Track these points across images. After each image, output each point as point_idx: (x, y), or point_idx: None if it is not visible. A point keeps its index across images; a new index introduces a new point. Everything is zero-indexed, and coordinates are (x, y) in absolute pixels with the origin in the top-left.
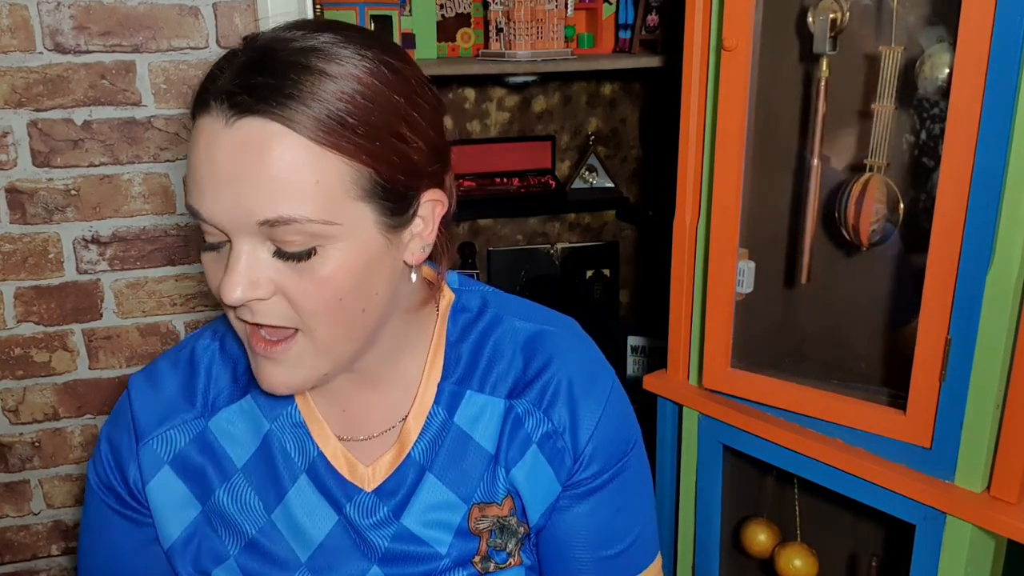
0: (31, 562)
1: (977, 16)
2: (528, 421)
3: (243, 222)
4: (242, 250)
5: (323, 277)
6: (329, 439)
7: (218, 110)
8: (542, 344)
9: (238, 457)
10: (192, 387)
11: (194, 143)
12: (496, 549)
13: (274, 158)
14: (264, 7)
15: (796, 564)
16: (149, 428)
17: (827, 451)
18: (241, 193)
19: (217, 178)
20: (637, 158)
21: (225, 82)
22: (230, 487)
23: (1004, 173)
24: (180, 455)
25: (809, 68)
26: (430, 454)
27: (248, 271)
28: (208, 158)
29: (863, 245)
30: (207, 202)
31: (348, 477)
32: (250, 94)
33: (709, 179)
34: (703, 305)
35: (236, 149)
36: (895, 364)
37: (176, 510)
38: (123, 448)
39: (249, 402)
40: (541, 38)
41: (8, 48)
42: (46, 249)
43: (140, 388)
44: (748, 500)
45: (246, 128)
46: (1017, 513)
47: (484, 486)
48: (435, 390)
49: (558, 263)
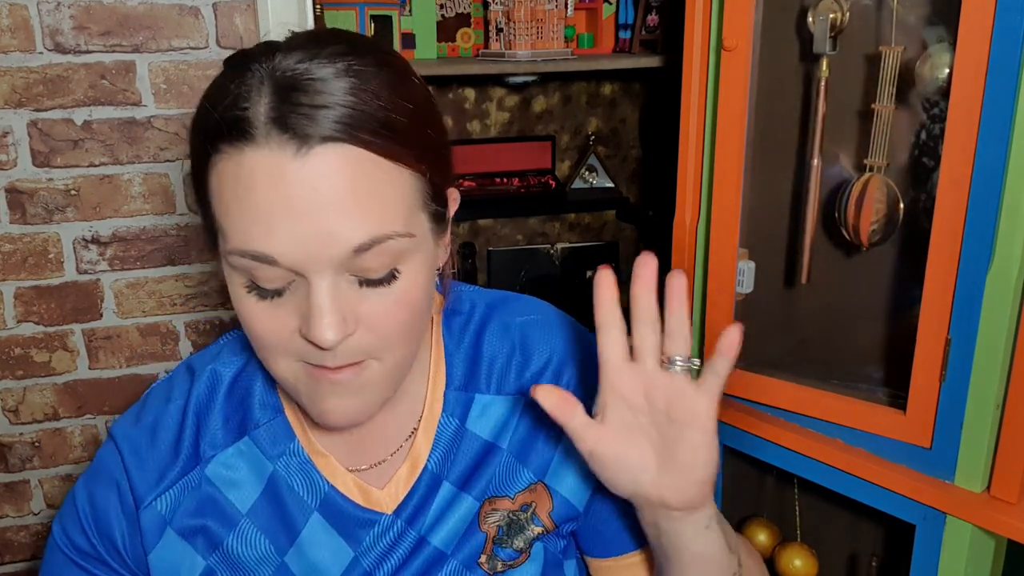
0: (31, 562)
1: (977, 16)
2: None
3: (330, 254)
4: (325, 289)
5: (403, 296)
6: (337, 471)
7: (278, 141)
8: (536, 335)
9: (241, 502)
10: (182, 436)
11: (245, 180)
12: (502, 546)
13: (359, 180)
14: (264, 7)
15: (796, 564)
16: (148, 489)
17: (827, 451)
18: (330, 223)
19: (293, 213)
20: (637, 158)
21: (270, 110)
22: (239, 534)
23: (1004, 173)
24: (182, 513)
25: (809, 68)
26: (445, 463)
27: (338, 307)
28: (277, 195)
29: (863, 245)
30: (280, 241)
31: (364, 504)
32: (312, 122)
33: (709, 179)
34: (703, 305)
35: (313, 179)
36: (895, 364)
37: (180, 572)
38: (111, 509)
39: (247, 443)
40: (541, 38)
41: (8, 48)
42: (46, 249)
43: (131, 442)
44: (748, 500)
45: (319, 156)
46: (1017, 513)
47: (496, 481)
48: (442, 400)
49: (558, 263)
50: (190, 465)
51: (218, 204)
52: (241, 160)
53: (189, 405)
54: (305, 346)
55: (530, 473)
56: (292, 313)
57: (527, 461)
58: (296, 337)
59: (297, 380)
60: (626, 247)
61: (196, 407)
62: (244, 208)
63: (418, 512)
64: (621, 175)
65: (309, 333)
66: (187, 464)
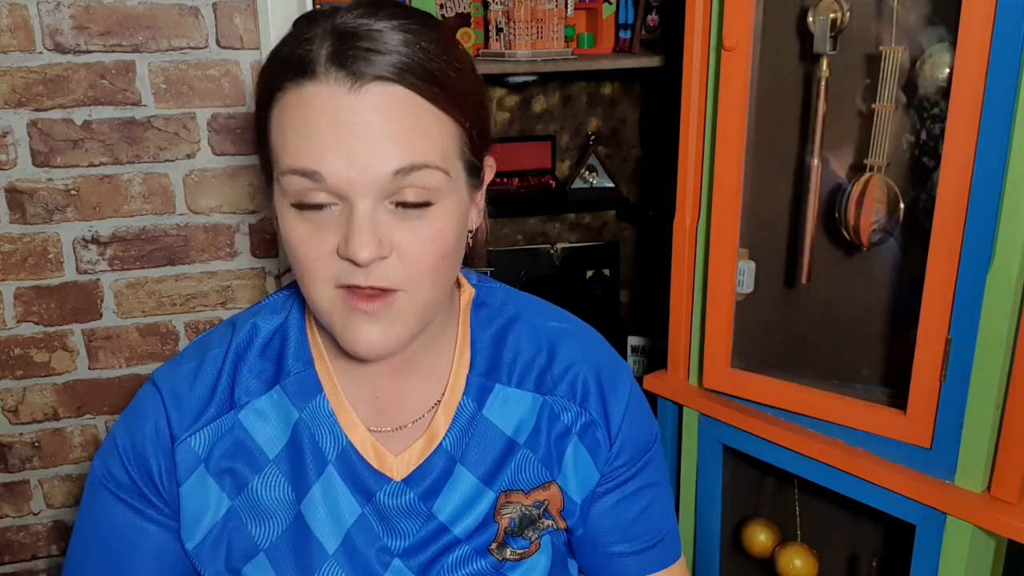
0: (31, 562)
1: (977, 16)
2: (565, 415)
3: (373, 176)
4: (365, 210)
5: (435, 232)
6: (358, 428)
7: (336, 77)
8: (564, 341)
9: (270, 448)
10: (219, 382)
11: (303, 110)
12: (513, 536)
13: (404, 115)
14: (264, 7)
15: (796, 564)
16: (184, 428)
17: (827, 451)
18: (375, 147)
19: (345, 138)
20: (637, 158)
21: (330, 52)
22: (264, 478)
23: (1004, 173)
24: (214, 452)
25: (809, 68)
26: (460, 445)
27: (375, 229)
28: (333, 121)
29: (863, 245)
30: (331, 163)
31: (377, 467)
32: (368, 63)
33: (709, 179)
34: (703, 305)
35: (365, 111)
36: (895, 364)
37: (207, 509)
38: (148, 443)
39: (279, 391)
40: (541, 38)
41: (8, 48)
42: (46, 249)
43: (170, 385)
44: (748, 500)
45: (373, 92)
46: (1017, 513)
47: (511, 474)
48: (464, 382)
49: (558, 263)
50: (224, 409)
51: (276, 134)
52: (301, 93)
53: (228, 354)
54: (342, 267)
55: (546, 471)
56: (332, 234)
57: (543, 459)
58: (334, 258)
59: (332, 308)
60: (626, 247)
61: (234, 356)
62: (300, 133)
63: (432, 490)
64: (621, 175)
65: (347, 249)
66: (221, 408)
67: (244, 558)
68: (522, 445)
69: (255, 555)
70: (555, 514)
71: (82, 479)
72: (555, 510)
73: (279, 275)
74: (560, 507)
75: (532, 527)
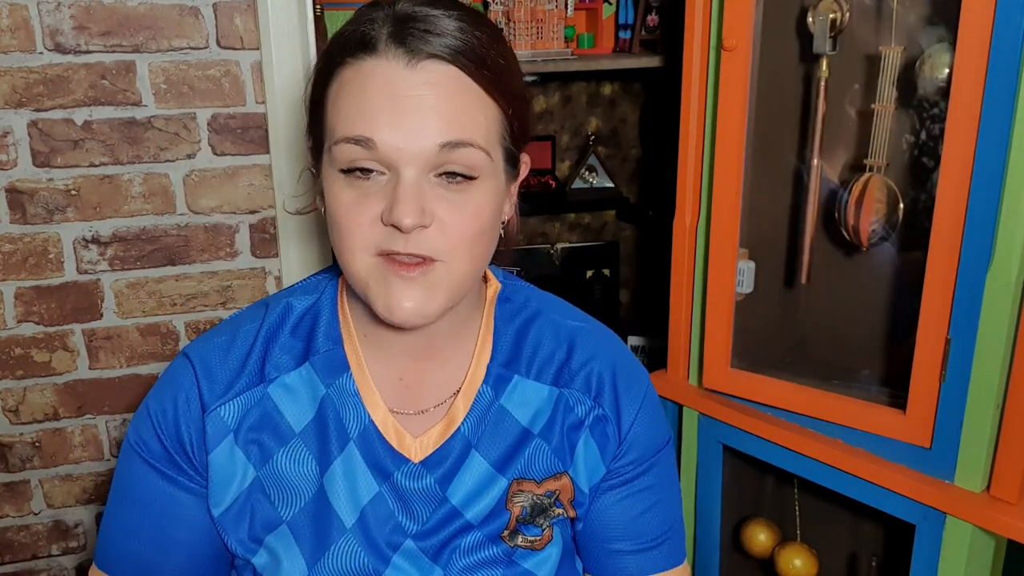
0: (31, 562)
1: (977, 16)
2: (579, 408)
3: (421, 147)
4: (411, 179)
5: (475, 208)
6: (380, 408)
7: (394, 53)
8: (584, 339)
9: (296, 422)
10: (250, 356)
11: (360, 82)
12: (524, 524)
13: (454, 94)
14: (264, 7)
15: (796, 564)
16: (214, 397)
17: (827, 451)
18: (425, 120)
19: (398, 110)
20: (637, 158)
21: (391, 31)
22: (288, 451)
23: (1004, 173)
24: (242, 423)
25: (809, 68)
26: (477, 431)
27: (419, 197)
28: (389, 93)
29: (863, 245)
30: (384, 131)
31: (396, 447)
32: (425, 42)
33: (709, 179)
34: (703, 305)
35: (419, 86)
36: (895, 364)
37: (234, 478)
38: (180, 413)
39: (307, 368)
40: (541, 38)
41: (8, 48)
42: (46, 249)
43: (202, 357)
44: (748, 500)
45: (427, 69)
46: (1017, 513)
47: (523, 463)
48: (484, 371)
49: (558, 263)
50: (254, 382)
51: (333, 107)
52: (360, 67)
53: (261, 330)
54: (384, 233)
55: (558, 462)
56: (377, 202)
57: (555, 450)
58: (376, 225)
59: (370, 275)
60: (626, 247)
61: (267, 332)
62: (355, 104)
63: (449, 475)
64: (621, 175)
65: (391, 216)
66: (251, 381)
67: (267, 528)
68: (536, 435)
69: (278, 526)
70: (566, 504)
71: (82, 479)
72: (566, 500)
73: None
74: (571, 497)
75: (544, 515)
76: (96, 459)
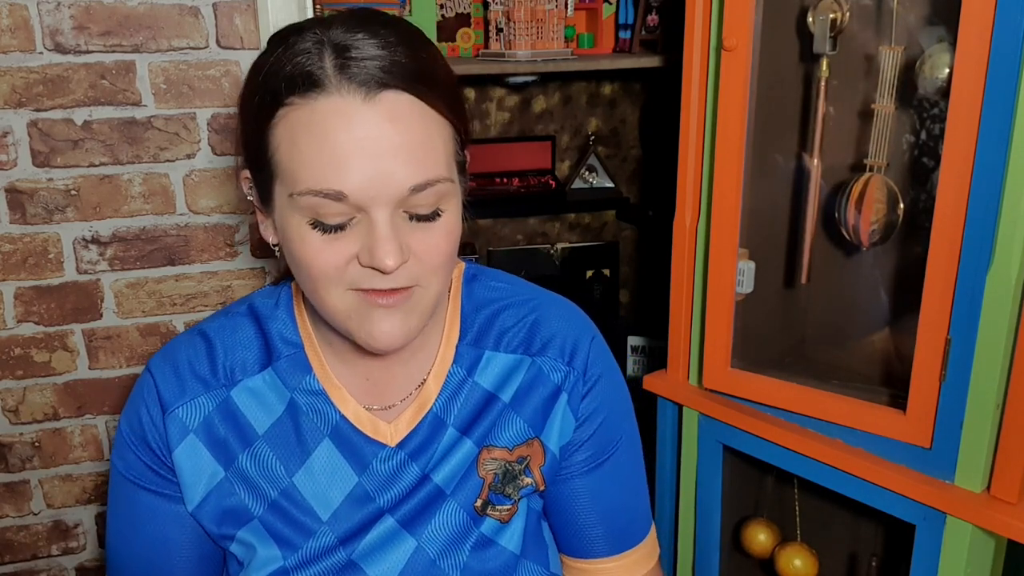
0: (31, 562)
1: (977, 16)
2: (555, 374)
3: (391, 192)
4: (385, 220)
5: (446, 231)
6: (349, 403)
7: (347, 88)
8: (550, 313)
9: (260, 425)
10: (212, 360)
11: (320, 125)
12: (496, 492)
13: (415, 126)
14: (264, 7)
15: (796, 564)
16: (173, 400)
17: (827, 451)
18: (393, 163)
19: (364, 152)
20: (637, 158)
21: (336, 64)
22: (252, 453)
23: (1004, 173)
24: (204, 423)
25: (809, 68)
26: (450, 408)
27: (397, 238)
28: (349, 135)
29: (863, 245)
30: (353, 178)
31: (372, 435)
32: (375, 73)
33: (709, 179)
34: (703, 305)
35: (380, 122)
36: (895, 364)
37: (200, 474)
38: (144, 421)
39: (271, 373)
40: (541, 38)
41: (8, 48)
42: (46, 249)
43: (160, 367)
44: (748, 500)
45: (386, 101)
46: (1017, 513)
47: (493, 430)
48: (454, 352)
49: (558, 263)
50: (215, 384)
51: (288, 151)
52: (314, 107)
53: (222, 334)
54: (361, 273)
55: (528, 428)
56: (351, 244)
57: (525, 416)
58: (352, 265)
59: (348, 308)
60: (626, 247)
61: (229, 336)
62: (319, 150)
63: (422, 449)
64: (621, 175)
65: (372, 260)
66: (213, 383)
67: (238, 524)
68: (508, 404)
69: (249, 521)
70: (535, 471)
71: (82, 479)
72: (536, 466)
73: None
74: (541, 463)
75: (513, 484)
76: (96, 459)
